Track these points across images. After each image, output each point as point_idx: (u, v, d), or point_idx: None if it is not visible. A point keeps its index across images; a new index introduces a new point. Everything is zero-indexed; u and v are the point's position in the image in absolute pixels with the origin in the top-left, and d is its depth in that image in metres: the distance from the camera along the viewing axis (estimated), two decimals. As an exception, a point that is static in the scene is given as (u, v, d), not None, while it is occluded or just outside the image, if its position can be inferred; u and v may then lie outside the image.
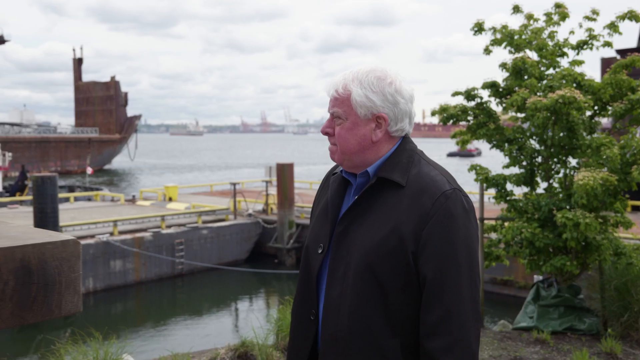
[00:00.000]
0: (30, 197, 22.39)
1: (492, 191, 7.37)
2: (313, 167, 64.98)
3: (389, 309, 1.63)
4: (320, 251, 1.77)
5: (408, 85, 1.76)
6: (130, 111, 68.99)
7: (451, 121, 7.18)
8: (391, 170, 1.70)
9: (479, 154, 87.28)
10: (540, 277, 7.80)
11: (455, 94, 7.21)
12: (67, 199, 24.49)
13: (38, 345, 11.91)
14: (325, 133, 1.79)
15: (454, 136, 7.56)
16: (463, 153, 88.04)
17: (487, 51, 7.39)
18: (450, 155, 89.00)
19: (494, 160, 8.86)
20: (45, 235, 1.20)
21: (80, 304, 1.24)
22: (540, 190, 7.19)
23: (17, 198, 24.54)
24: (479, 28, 7.53)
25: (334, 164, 1.93)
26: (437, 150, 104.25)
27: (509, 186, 7.10)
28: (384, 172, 1.70)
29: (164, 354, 5.11)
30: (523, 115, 6.90)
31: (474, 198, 24.42)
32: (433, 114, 7.30)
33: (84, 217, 19.53)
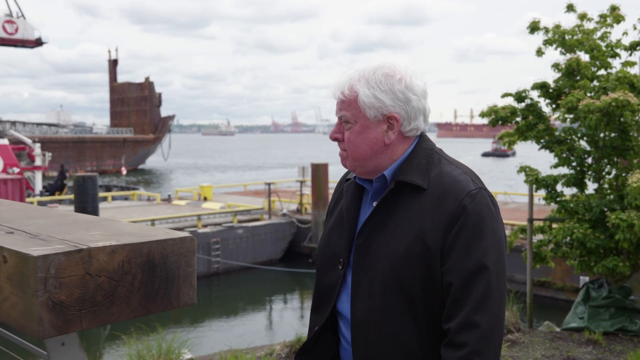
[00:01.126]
0: (69, 196, 22.89)
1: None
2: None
3: (422, 324, 1.53)
4: (340, 267, 1.65)
5: (420, 79, 1.63)
6: (164, 111, 69.94)
7: (500, 123, 7.16)
8: (410, 172, 1.57)
9: (514, 154, 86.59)
10: (587, 279, 7.74)
11: (505, 95, 7.19)
12: (104, 199, 24.96)
13: (106, 338, 12.26)
14: (334, 139, 1.67)
15: (500, 137, 7.53)
16: (497, 153, 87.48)
17: (539, 53, 7.34)
18: (485, 155, 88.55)
19: (530, 160, 8.78)
20: (164, 233, 1.28)
21: (195, 296, 1.31)
22: (589, 191, 7.13)
23: (57, 197, 25.08)
24: (533, 27, 7.48)
25: None
26: (470, 150, 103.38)
27: (558, 187, 7.05)
28: (403, 175, 1.57)
29: (221, 349, 5.21)
30: (572, 116, 6.86)
31: (523, 200, 24.26)
32: (482, 115, 7.29)
33: (122, 216, 19.90)
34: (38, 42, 61.22)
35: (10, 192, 17.44)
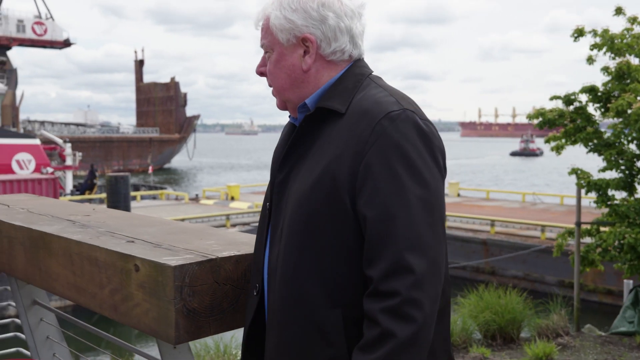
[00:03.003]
0: (99, 195, 23.23)
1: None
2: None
3: (327, 272, 1.29)
4: (267, 209, 1.46)
5: None
6: (188, 111, 70.45)
7: (547, 126, 7.13)
8: (332, 97, 1.38)
9: (541, 153, 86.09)
10: (630, 283, 7.66)
11: (553, 97, 7.16)
12: (133, 198, 25.27)
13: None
14: (259, 73, 1.52)
15: (547, 141, 7.50)
16: (526, 152, 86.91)
17: (589, 61, 7.30)
18: (513, 154, 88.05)
19: (560, 161, 8.71)
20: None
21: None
22: (638, 195, 7.06)
23: (87, 196, 25.46)
24: (579, 34, 7.44)
25: None
26: (496, 149, 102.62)
27: (609, 191, 6.98)
28: (323, 101, 1.38)
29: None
30: (620, 119, 6.81)
31: (551, 200, 24.03)
32: (529, 117, 7.26)
33: (151, 215, 20.12)
34: (66, 43, 62.09)
35: (45, 191, 17.76)
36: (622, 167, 6.89)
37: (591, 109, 7.28)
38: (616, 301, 13.94)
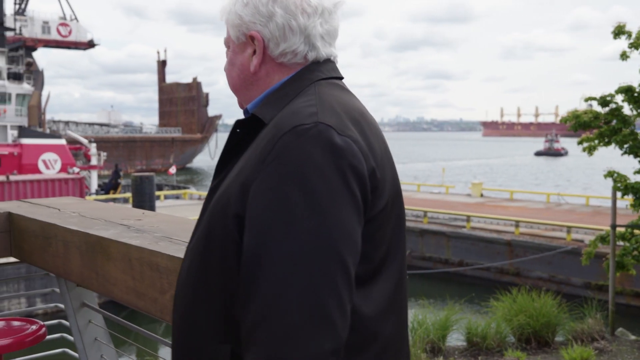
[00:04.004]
0: (124, 195, 23.50)
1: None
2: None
3: (216, 301, 1.13)
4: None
5: None
6: (210, 111, 70.92)
7: (582, 128, 7.05)
8: (267, 104, 1.23)
9: (566, 153, 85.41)
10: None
11: (588, 99, 7.09)
12: (157, 197, 25.51)
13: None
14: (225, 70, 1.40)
15: (580, 142, 7.43)
16: (551, 152, 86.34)
17: (623, 57, 7.21)
18: (538, 154, 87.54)
19: (584, 160, 8.59)
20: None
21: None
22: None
23: (111, 196, 25.75)
24: (619, 32, 7.36)
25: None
26: (519, 149, 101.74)
27: None
28: (259, 107, 1.24)
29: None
30: None
31: (576, 201, 23.78)
32: (563, 121, 7.20)
33: (177, 215, 20.29)
34: (90, 44, 62.80)
35: (71, 191, 18.01)
36: (659, 169, 6.79)
37: (627, 109, 7.18)
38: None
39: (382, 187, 1.12)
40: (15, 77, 30.67)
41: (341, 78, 1.31)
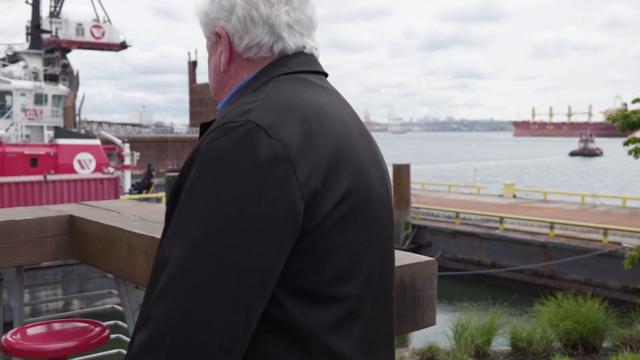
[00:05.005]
0: (156, 195, 23.79)
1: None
2: (418, 166, 64.43)
3: None
4: None
5: None
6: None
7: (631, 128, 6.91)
8: (227, 104, 1.18)
9: (601, 153, 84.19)
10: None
11: (635, 100, 6.95)
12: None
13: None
14: None
15: (626, 144, 7.29)
16: (586, 152, 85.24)
17: None
18: (573, 154, 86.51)
19: (614, 160, 8.42)
20: (412, 257, 1.34)
21: (435, 318, 1.37)
22: None
23: (144, 195, 26.08)
24: None
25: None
26: (552, 149, 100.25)
27: None
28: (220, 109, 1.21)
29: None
30: None
31: (612, 202, 23.30)
32: (612, 120, 7.07)
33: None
34: (123, 46, 63.68)
35: (107, 191, 18.29)
36: None
37: None
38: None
39: (326, 193, 1.01)
40: (51, 78, 31.27)
41: (317, 72, 1.21)
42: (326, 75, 1.24)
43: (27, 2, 34.29)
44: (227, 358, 0.93)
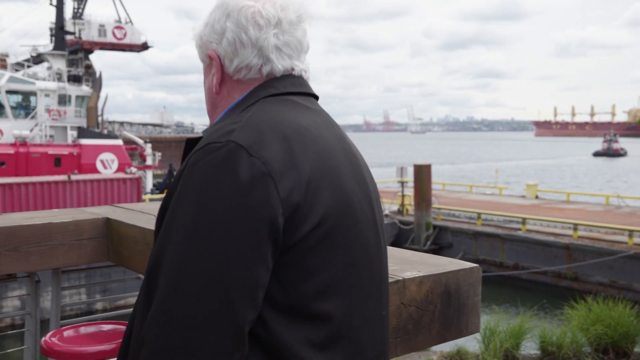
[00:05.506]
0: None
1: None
2: (438, 166, 64.11)
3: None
4: None
5: (272, 6, 1.21)
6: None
7: None
8: (211, 127, 1.20)
9: (625, 153, 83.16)
10: None
11: None
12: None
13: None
14: None
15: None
16: (610, 153, 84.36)
17: None
18: (596, 154, 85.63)
19: (639, 161, 8.26)
20: (455, 263, 1.33)
21: (479, 325, 1.36)
22: None
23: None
24: None
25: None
26: (574, 149, 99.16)
27: None
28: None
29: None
30: None
31: (637, 204, 22.96)
32: (638, 120, 6.97)
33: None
34: (144, 47, 64.12)
35: (129, 191, 18.45)
36: None
37: None
38: None
39: (307, 210, 1.03)
40: (74, 79, 31.63)
41: (305, 93, 1.23)
42: (316, 97, 1.27)
43: (51, 4, 34.72)
44: None
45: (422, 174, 21.02)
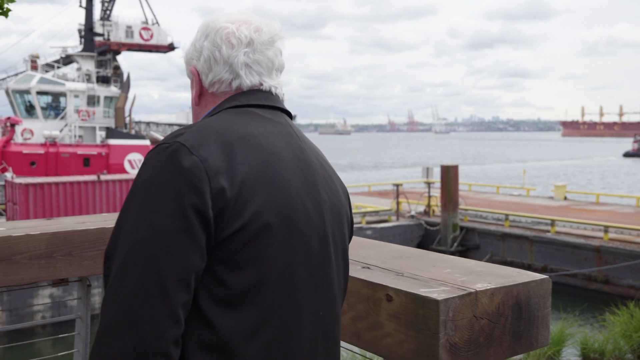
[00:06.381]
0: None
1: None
2: (465, 167, 63.61)
3: None
4: None
5: (246, 28, 1.34)
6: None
7: None
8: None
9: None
10: None
11: None
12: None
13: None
14: None
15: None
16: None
17: None
18: (627, 155, 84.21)
19: None
20: (525, 275, 1.31)
21: (548, 337, 1.33)
22: None
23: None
24: None
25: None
26: (602, 150, 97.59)
27: None
28: None
29: None
30: None
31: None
32: None
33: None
34: (170, 47, 64.52)
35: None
36: None
37: None
38: None
39: (238, 208, 1.13)
40: (103, 80, 32.04)
41: (271, 107, 1.33)
42: (286, 112, 1.37)
43: (80, 6, 35.20)
44: (160, 343, 1.07)
45: (449, 174, 20.87)
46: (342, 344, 1.30)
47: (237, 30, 1.32)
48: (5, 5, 2.63)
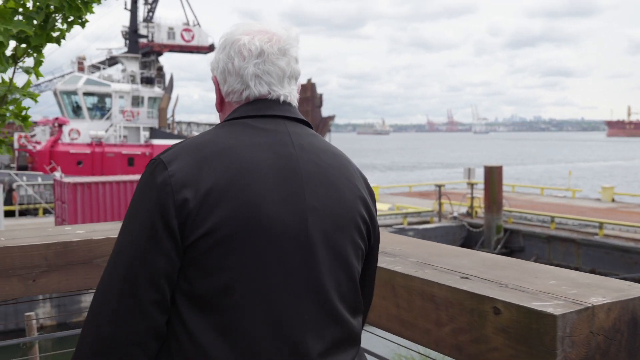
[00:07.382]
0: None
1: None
2: (506, 167, 62.54)
3: None
4: None
5: (258, 39, 1.39)
6: (322, 111, 71.69)
7: None
8: None
9: None
10: None
11: None
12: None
13: None
14: None
15: None
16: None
17: None
18: None
19: None
20: (628, 286, 1.23)
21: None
22: None
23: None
24: None
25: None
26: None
27: None
28: None
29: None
30: None
31: None
32: None
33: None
34: (211, 48, 65.22)
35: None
36: None
37: None
38: None
39: (201, 217, 1.21)
40: (147, 81, 32.60)
41: (271, 115, 1.37)
42: (289, 118, 1.40)
43: (125, 9, 35.86)
44: (133, 335, 1.21)
45: (493, 175, 20.57)
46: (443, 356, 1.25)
47: (249, 42, 1.38)
48: (84, 17, 2.67)
